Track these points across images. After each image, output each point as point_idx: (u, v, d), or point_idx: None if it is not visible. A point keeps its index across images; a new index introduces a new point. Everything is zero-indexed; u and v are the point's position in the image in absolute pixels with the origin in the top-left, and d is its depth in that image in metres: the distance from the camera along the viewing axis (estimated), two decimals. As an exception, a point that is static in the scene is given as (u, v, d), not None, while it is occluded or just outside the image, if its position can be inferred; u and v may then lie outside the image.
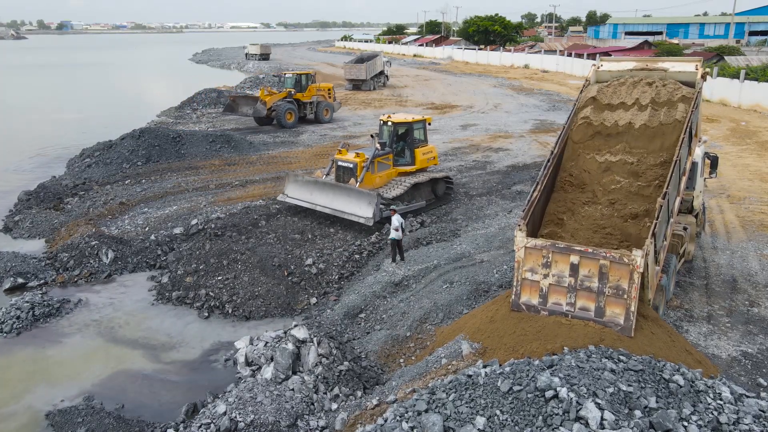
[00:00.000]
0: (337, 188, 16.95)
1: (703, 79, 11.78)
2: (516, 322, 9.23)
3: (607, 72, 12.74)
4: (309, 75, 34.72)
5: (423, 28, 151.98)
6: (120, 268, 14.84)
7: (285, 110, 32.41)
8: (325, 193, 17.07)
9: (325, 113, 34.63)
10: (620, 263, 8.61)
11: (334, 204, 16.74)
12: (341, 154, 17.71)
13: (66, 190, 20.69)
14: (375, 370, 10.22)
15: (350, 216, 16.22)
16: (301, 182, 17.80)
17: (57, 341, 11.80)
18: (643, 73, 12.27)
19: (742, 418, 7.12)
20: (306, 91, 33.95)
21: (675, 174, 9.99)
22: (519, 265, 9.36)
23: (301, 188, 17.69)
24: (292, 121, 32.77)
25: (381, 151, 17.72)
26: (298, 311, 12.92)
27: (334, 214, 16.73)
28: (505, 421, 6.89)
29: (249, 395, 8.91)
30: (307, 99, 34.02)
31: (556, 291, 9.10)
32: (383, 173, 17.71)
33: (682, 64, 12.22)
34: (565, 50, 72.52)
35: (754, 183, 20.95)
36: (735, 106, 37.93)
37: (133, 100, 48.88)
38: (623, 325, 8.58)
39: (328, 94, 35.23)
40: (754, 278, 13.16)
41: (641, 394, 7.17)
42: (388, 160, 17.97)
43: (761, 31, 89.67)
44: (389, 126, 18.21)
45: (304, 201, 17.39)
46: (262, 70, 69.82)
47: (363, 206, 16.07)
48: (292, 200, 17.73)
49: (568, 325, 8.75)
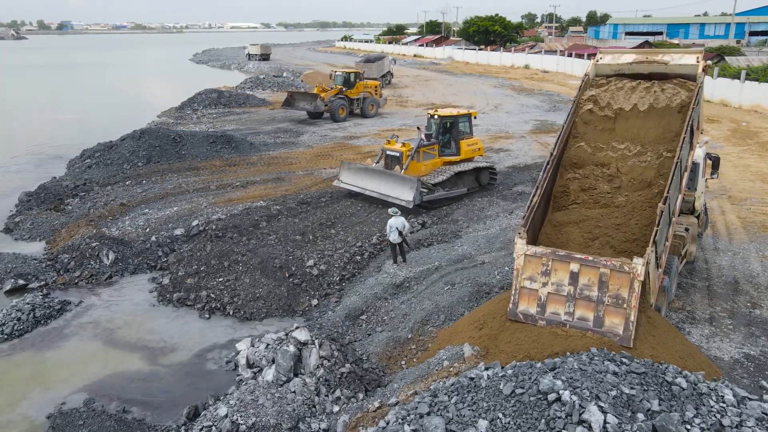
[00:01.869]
0: (383, 174, 18.71)
1: (704, 72, 11.51)
2: (512, 333, 9.11)
3: (606, 66, 12.38)
4: (357, 73, 36.99)
5: (423, 29, 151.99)
6: (121, 269, 14.83)
7: (339, 106, 35.10)
8: (373, 179, 18.88)
9: (371, 108, 36.96)
10: (621, 271, 8.53)
11: (379, 189, 18.54)
12: (390, 144, 19.47)
13: (66, 191, 20.67)
14: (376, 372, 10.20)
15: (393, 199, 17.84)
16: (353, 169, 19.61)
17: (58, 343, 11.78)
18: (642, 67, 12.01)
19: (745, 421, 7.11)
20: (354, 88, 36.23)
21: (676, 176, 9.93)
22: (518, 272, 9.23)
23: (353, 175, 19.53)
24: (344, 115, 35.33)
25: (426, 142, 19.36)
26: (300, 313, 12.90)
27: (380, 198, 18.46)
28: (508, 424, 6.88)
29: (250, 397, 8.89)
30: (355, 95, 36.33)
31: (554, 300, 8.97)
32: (428, 162, 19.32)
33: (683, 57, 11.90)
34: (565, 50, 72.51)
35: (755, 184, 20.93)
36: (736, 106, 37.90)
37: (133, 101, 48.85)
38: (622, 335, 8.46)
39: (375, 91, 37.61)
40: (756, 280, 13.14)
41: (644, 397, 7.16)
42: (434, 151, 19.54)
43: (761, 31, 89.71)
44: (436, 119, 19.92)
45: (356, 186, 19.28)
46: (262, 71, 69.78)
47: (405, 190, 17.74)
48: (345, 185, 19.60)
49: (565, 336, 8.63)
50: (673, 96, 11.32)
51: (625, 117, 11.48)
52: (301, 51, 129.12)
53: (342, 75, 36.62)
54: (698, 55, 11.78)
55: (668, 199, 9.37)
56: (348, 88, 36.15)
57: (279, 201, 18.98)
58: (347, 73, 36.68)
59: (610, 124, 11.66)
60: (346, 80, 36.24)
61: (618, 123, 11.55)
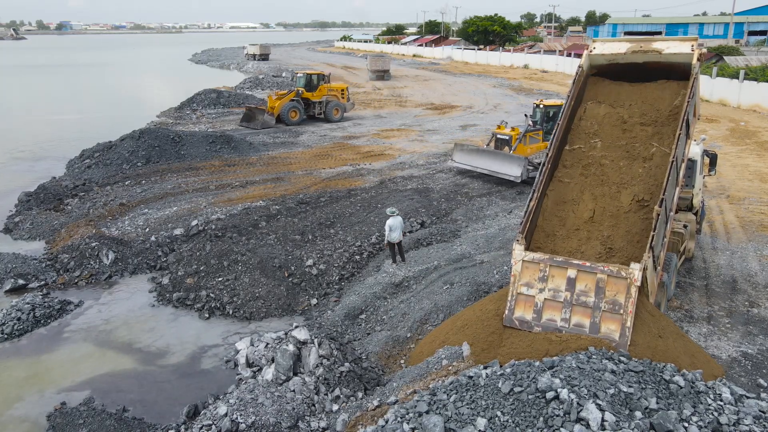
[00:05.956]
0: (494, 154, 21.58)
1: (699, 60, 11.04)
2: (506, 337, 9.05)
3: (600, 56, 12.06)
4: (321, 75, 35.64)
5: (422, 29, 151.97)
6: (120, 269, 14.85)
7: (289, 109, 33.55)
8: (484, 158, 21.68)
9: (335, 113, 35.32)
10: (618, 277, 8.51)
11: (491, 166, 21.28)
12: (499, 129, 22.43)
13: (66, 191, 20.69)
14: (376, 371, 10.23)
15: (503, 175, 20.70)
16: (466, 150, 22.52)
17: (58, 343, 11.80)
18: (636, 57, 11.68)
19: (743, 419, 7.14)
20: (316, 91, 34.74)
21: (672, 174, 9.89)
22: (515, 279, 9.17)
23: (465, 155, 22.36)
24: (296, 119, 33.77)
25: (532, 128, 22.03)
26: (299, 312, 12.93)
27: (490, 174, 21.34)
28: (506, 422, 6.91)
29: (250, 396, 8.92)
30: (317, 98, 34.82)
31: (551, 306, 8.92)
32: (533, 146, 21.87)
33: (677, 45, 11.44)
34: (564, 50, 72.57)
35: (753, 183, 20.97)
36: (734, 106, 37.94)
37: (132, 101, 48.84)
38: (618, 341, 8.44)
39: (341, 95, 35.99)
40: (754, 279, 13.18)
41: (642, 395, 7.19)
42: (539, 136, 22.11)
43: (760, 31, 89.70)
44: (541, 108, 22.65)
45: (468, 164, 22.14)
46: (261, 71, 69.82)
47: (513, 167, 20.47)
48: (459, 164, 22.53)
49: (559, 341, 8.57)
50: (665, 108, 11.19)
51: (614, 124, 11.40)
52: (300, 51, 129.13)
53: (304, 76, 35.11)
54: (693, 43, 11.29)
55: (664, 201, 9.33)
56: (309, 91, 34.54)
57: (278, 201, 19.01)
58: (309, 75, 35.12)
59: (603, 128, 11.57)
60: (308, 82, 34.72)
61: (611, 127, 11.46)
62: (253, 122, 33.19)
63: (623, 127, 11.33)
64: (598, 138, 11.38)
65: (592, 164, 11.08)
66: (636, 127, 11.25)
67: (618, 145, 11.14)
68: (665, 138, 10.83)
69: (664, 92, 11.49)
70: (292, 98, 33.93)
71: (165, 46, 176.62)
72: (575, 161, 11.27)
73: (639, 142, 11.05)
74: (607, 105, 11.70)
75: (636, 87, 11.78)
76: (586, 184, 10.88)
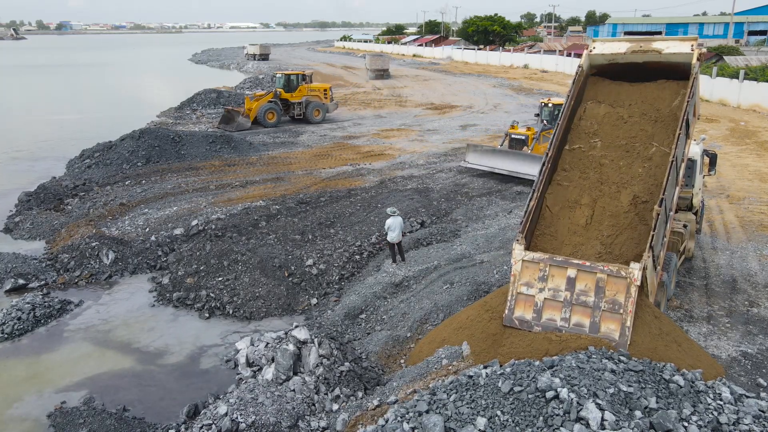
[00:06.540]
0: (513, 154, 21.33)
1: (699, 60, 11.02)
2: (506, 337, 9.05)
3: (600, 55, 12.05)
4: (301, 75, 34.82)
5: (422, 28, 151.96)
6: (120, 269, 14.86)
7: (265, 110, 32.77)
8: (502, 158, 21.40)
9: (316, 113, 34.59)
10: (617, 276, 8.53)
11: (509, 167, 21.09)
12: (513, 129, 22.45)
13: (66, 191, 20.70)
14: (376, 371, 10.24)
15: (524, 175, 20.38)
16: (480, 151, 22.21)
17: (58, 342, 11.82)
18: (636, 56, 11.67)
19: (742, 419, 7.15)
20: (296, 91, 33.97)
21: (672, 174, 9.90)
22: (515, 278, 9.19)
23: (480, 156, 21.99)
24: (273, 120, 33.04)
25: (547, 126, 22.19)
26: (299, 312, 12.94)
27: (509, 175, 21.08)
28: (506, 421, 6.91)
29: (250, 396, 8.93)
30: (297, 99, 34.04)
31: (551, 306, 8.94)
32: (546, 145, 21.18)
33: (677, 45, 11.42)
34: (564, 50, 72.59)
35: (753, 183, 20.98)
36: (734, 106, 37.95)
37: (132, 101, 48.85)
38: (618, 341, 8.45)
39: (323, 95, 35.17)
40: (754, 278, 13.18)
41: (641, 395, 7.20)
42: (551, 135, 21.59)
43: (760, 30, 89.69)
44: (549, 107, 22.70)
45: (484, 165, 21.80)
46: (261, 70, 69.82)
47: (535, 167, 19.76)
48: (472, 165, 22.16)
49: (558, 341, 8.59)
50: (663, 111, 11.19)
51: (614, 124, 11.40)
52: (300, 51, 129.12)
53: (283, 77, 34.35)
54: (692, 43, 11.27)
55: (664, 201, 9.34)
56: (289, 91, 33.84)
57: (278, 201, 19.02)
58: (288, 76, 34.42)
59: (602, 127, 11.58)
60: (288, 82, 33.98)
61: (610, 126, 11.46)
62: (230, 124, 32.39)
63: (623, 126, 11.33)
64: (597, 138, 11.39)
65: (591, 164, 11.09)
66: (636, 127, 11.24)
67: (618, 144, 11.14)
68: (665, 138, 10.83)
69: (663, 92, 11.48)
70: (270, 99, 33.27)
71: (165, 46, 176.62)
72: (575, 161, 11.27)
73: (639, 141, 11.04)
74: (607, 105, 11.71)
75: (636, 87, 11.77)
76: (586, 184, 10.88)
